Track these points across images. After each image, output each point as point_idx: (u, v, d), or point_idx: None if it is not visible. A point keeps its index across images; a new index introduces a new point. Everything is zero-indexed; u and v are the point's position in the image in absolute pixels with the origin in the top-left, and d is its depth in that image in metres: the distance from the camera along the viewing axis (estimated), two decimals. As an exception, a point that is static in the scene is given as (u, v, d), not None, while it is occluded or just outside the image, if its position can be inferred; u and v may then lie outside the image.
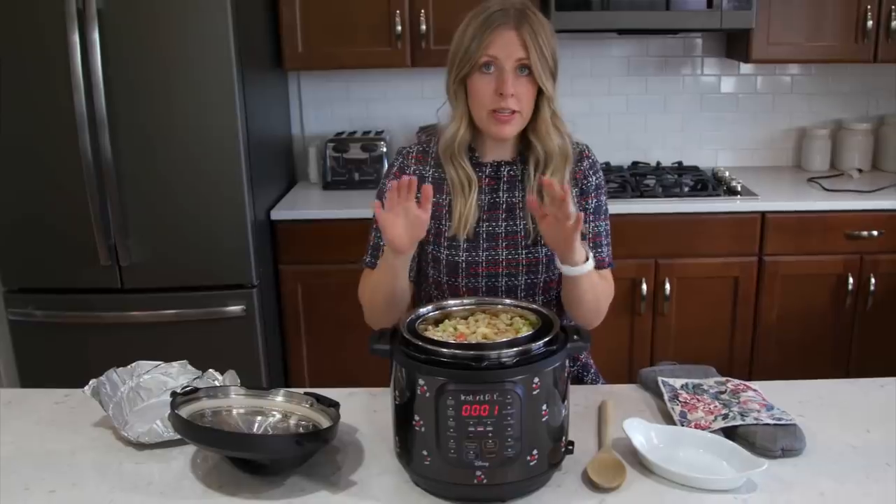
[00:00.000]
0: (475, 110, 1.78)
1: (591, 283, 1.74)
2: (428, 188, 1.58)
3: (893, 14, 3.39)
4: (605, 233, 1.88)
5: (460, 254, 1.84)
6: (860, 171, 3.77)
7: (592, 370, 2.01)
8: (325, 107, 3.92)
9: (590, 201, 1.87)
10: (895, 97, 3.91)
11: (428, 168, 1.89)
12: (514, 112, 1.75)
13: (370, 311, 1.86)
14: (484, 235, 1.84)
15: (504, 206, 1.85)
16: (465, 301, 1.57)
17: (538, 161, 1.82)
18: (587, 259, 1.68)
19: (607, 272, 1.88)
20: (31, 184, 3.05)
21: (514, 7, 1.75)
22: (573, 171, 1.85)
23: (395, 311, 1.76)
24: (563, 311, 1.86)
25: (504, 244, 1.84)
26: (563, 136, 1.82)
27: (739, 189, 3.45)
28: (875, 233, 3.33)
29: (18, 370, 3.24)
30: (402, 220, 1.59)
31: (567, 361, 1.42)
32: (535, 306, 1.53)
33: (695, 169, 3.81)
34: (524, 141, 1.85)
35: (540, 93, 1.77)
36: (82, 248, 3.08)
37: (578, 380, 1.99)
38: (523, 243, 1.83)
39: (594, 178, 1.88)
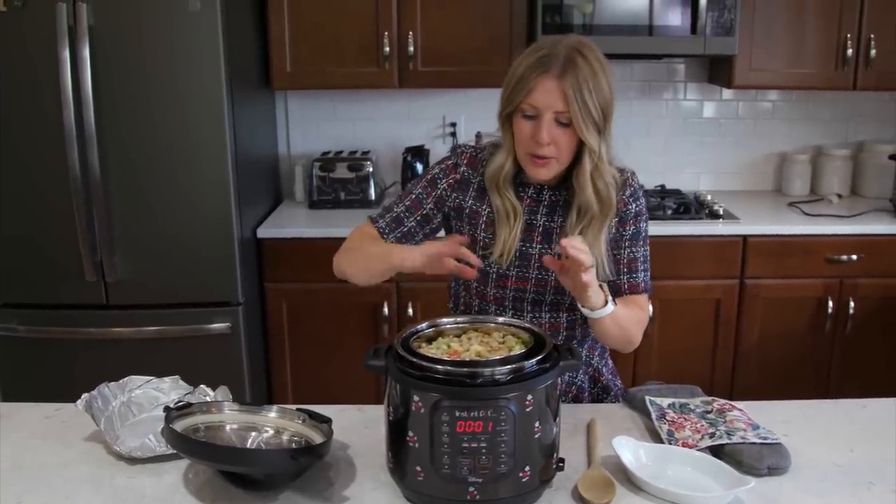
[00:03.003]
0: (517, 148, 1.78)
1: (615, 321, 1.74)
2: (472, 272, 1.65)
3: (872, 43, 3.46)
4: (641, 258, 1.87)
5: (492, 265, 1.85)
6: (839, 196, 3.83)
7: (613, 392, 1.99)
8: (312, 126, 3.94)
9: (627, 228, 1.86)
10: (874, 124, 3.98)
11: (476, 174, 1.89)
12: (550, 158, 1.74)
13: (350, 265, 1.92)
14: (517, 254, 1.84)
15: (540, 228, 1.85)
16: (459, 319, 1.59)
17: (580, 208, 1.80)
18: (606, 303, 1.70)
19: (642, 298, 1.87)
20: (17, 198, 3.04)
21: (565, 51, 1.70)
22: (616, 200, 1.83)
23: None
24: (588, 329, 1.87)
25: (536, 265, 1.84)
26: (606, 184, 1.78)
27: (721, 213, 3.49)
28: (854, 257, 3.38)
29: (1, 385, 3.21)
30: (427, 259, 1.67)
31: (559, 379, 1.44)
32: (527, 325, 1.55)
33: (677, 192, 3.85)
34: (569, 179, 1.83)
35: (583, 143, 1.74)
36: (68, 263, 3.07)
37: (598, 401, 1.98)
38: None
39: (634, 206, 1.86)
